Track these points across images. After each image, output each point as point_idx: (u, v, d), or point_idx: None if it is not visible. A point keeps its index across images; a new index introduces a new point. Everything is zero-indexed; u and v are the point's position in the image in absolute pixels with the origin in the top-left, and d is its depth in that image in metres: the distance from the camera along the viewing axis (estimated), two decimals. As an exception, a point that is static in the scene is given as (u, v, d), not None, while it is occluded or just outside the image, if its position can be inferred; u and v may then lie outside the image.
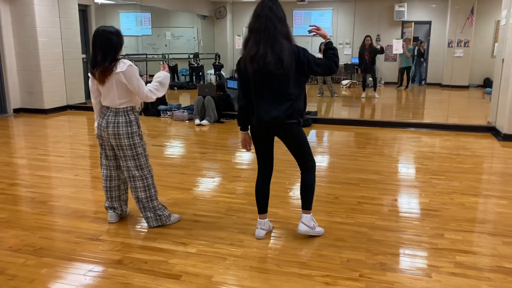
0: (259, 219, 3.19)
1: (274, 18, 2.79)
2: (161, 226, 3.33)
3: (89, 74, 3.17)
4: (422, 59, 14.07)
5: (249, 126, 3.08)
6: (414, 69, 14.18)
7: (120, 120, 3.14)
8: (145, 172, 3.26)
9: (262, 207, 3.18)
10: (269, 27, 2.78)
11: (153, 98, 3.19)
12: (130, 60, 3.20)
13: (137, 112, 3.29)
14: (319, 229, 3.21)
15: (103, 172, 3.38)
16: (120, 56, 3.12)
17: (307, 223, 3.14)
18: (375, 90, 11.29)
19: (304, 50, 2.87)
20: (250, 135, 3.10)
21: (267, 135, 3.03)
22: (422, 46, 13.88)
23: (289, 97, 2.85)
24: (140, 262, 2.81)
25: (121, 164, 3.26)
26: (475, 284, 2.59)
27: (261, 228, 3.17)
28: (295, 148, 3.07)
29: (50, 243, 3.07)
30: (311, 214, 3.16)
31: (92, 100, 3.27)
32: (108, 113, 3.18)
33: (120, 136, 3.13)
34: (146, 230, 3.30)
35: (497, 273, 2.71)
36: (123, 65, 3.04)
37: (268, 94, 2.87)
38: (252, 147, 3.15)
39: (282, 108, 2.85)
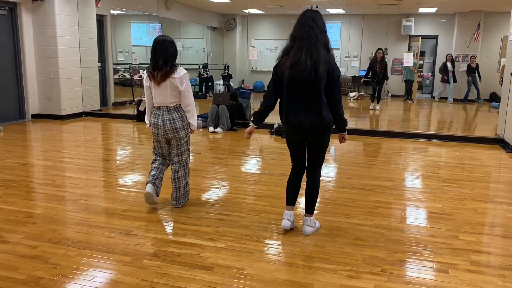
0: (285, 211, 3.40)
1: (316, 28, 3.02)
2: (185, 202, 3.93)
3: (146, 75, 3.63)
4: (474, 75, 13.13)
5: (259, 122, 3.27)
6: (469, 86, 13.25)
7: (175, 117, 3.67)
8: (189, 154, 3.89)
9: (291, 199, 3.39)
10: (311, 36, 3.00)
11: (193, 106, 3.74)
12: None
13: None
14: (318, 224, 3.48)
15: (156, 157, 3.89)
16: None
17: (311, 224, 3.38)
18: (378, 102, 11.44)
19: (339, 70, 3.10)
20: (254, 128, 3.30)
21: (297, 138, 3.23)
22: (473, 61, 13.18)
23: (319, 104, 3.04)
24: (173, 255, 2.99)
25: (175, 151, 3.77)
26: (490, 280, 2.75)
27: (287, 219, 3.37)
28: (315, 152, 3.27)
29: (86, 237, 3.25)
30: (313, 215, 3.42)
31: (146, 98, 3.81)
32: (161, 113, 3.68)
33: (177, 129, 3.68)
34: (175, 227, 3.48)
35: (511, 271, 2.87)
36: (180, 71, 3.61)
37: (299, 100, 3.08)
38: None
39: (311, 114, 3.06)
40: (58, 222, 3.54)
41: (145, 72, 3.69)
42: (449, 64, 13.32)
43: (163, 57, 3.51)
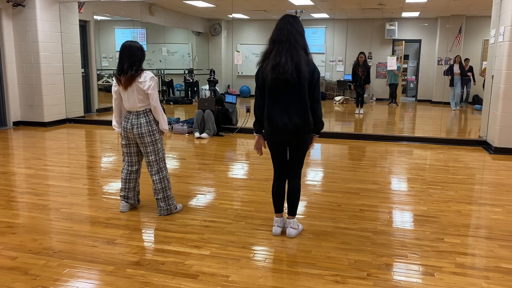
0: (275, 218, 3.42)
1: (294, 31, 3.05)
2: (169, 214, 3.84)
3: (114, 80, 3.61)
4: (466, 78, 12.68)
5: (260, 131, 3.30)
6: (461, 89, 12.75)
7: (142, 121, 3.64)
8: (161, 165, 3.79)
9: (279, 207, 3.40)
10: (290, 39, 3.03)
11: (159, 108, 3.68)
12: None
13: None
14: (301, 226, 3.51)
15: (124, 166, 3.88)
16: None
17: (294, 226, 3.40)
18: (361, 106, 11.48)
19: (319, 72, 3.14)
20: (263, 139, 3.32)
21: (280, 141, 3.21)
22: (466, 64, 12.72)
23: (303, 106, 3.07)
24: (157, 263, 2.94)
25: (145, 159, 3.78)
26: (476, 282, 2.76)
27: (278, 226, 3.40)
28: (296, 155, 3.28)
29: (68, 247, 3.18)
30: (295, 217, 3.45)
31: (113, 102, 3.78)
32: (130, 117, 3.67)
33: (143, 135, 3.64)
34: (159, 235, 3.43)
35: (495, 272, 2.88)
36: (146, 75, 3.54)
37: (282, 102, 3.08)
38: (265, 151, 3.36)
39: (294, 116, 3.07)
40: (39, 231, 3.46)
41: (114, 78, 3.68)
42: (456, 67, 12.53)
43: (129, 62, 3.50)
